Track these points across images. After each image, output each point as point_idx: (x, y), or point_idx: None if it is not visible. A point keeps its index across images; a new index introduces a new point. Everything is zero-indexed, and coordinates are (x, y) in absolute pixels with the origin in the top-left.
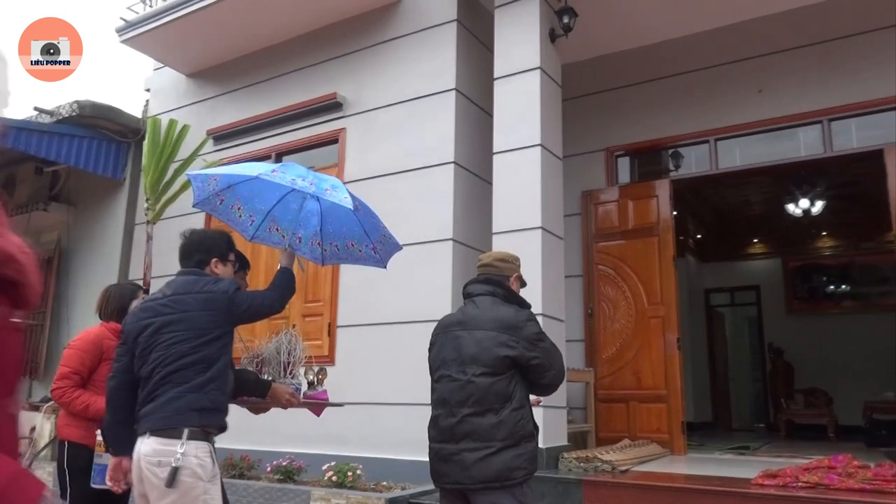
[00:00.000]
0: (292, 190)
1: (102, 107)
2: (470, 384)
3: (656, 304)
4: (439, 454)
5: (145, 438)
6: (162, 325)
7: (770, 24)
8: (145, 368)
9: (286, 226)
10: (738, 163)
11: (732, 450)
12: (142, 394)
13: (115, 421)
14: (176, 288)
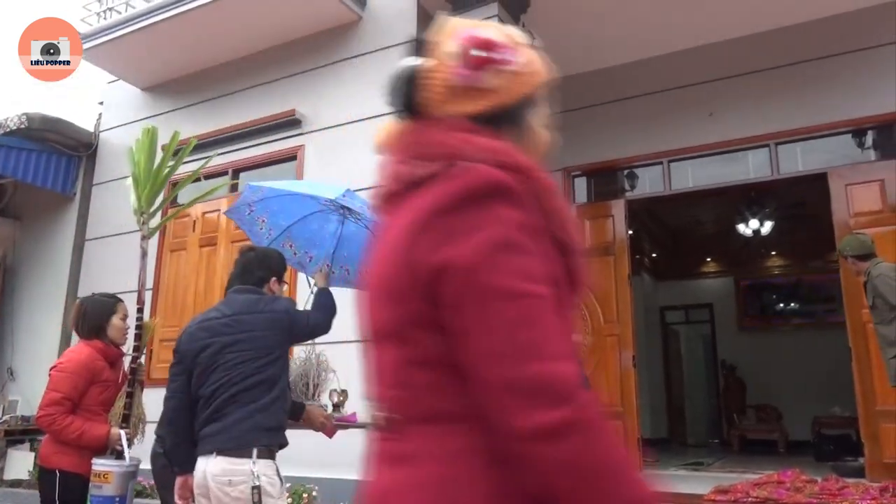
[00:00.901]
0: (319, 211)
1: (52, 119)
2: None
3: (612, 322)
4: None
5: (212, 457)
6: (224, 345)
7: (721, 50)
8: (206, 388)
9: (301, 244)
10: (690, 184)
11: (687, 466)
12: (203, 413)
13: (179, 441)
14: (237, 307)
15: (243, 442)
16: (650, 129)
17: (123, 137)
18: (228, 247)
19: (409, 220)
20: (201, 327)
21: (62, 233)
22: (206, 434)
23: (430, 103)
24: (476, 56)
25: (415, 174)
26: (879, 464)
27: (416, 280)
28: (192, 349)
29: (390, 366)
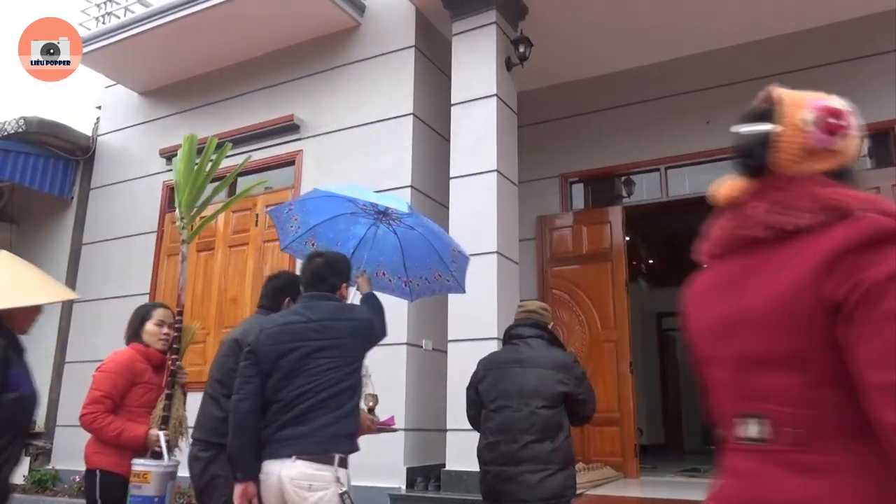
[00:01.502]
0: (351, 213)
1: (50, 123)
2: (534, 415)
3: (609, 328)
4: (500, 476)
5: (290, 461)
6: (312, 350)
7: (718, 58)
8: (288, 392)
9: (323, 243)
10: (687, 191)
11: (684, 472)
12: (281, 416)
13: (246, 445)
14: (322, 313)
15: (327, 447)
16: (648, 136)
17: (121, 141)
18: (226, 251)
19: (812, 261)
20: (283, 331)
21: (59, 237)
22: (283, 437)
23: (782, 163)
24: (831, 123)
25: (796, 223)
26: None
27: (824, 310)
28: (274, 352)
29: (785, 387)
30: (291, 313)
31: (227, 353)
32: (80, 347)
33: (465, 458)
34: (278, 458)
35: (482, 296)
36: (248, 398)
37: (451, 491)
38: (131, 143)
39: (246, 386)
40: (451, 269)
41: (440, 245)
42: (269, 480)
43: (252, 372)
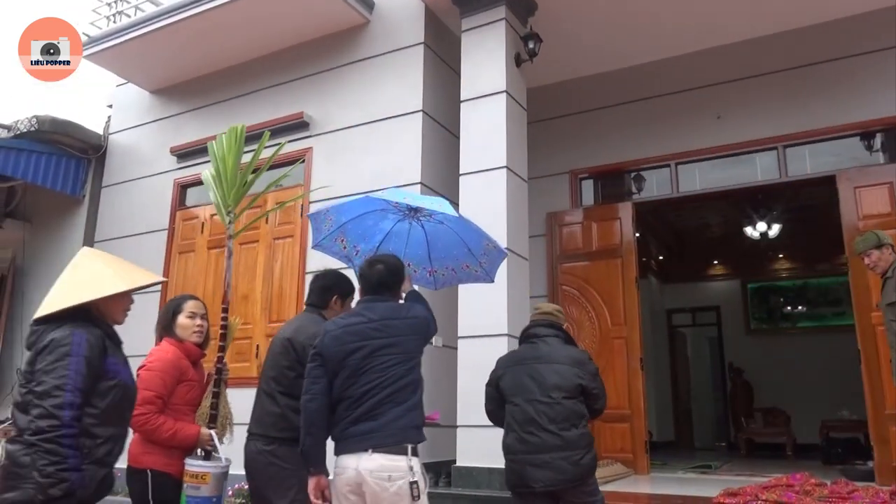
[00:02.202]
0: (381, 209)
1: (62, 122)
2: (559, 405)
3: (619, 324)
4: (533, 462)
5: (366, 454)
6: (376, 348)
7: (728, 53)
8: (356, 389)
9: (351, 238)
10: (697, 187)
11: (694, 469)
12: (351, 412)
13: (318, 442)
14: (382, 313)
15: (399, 439)
16: (658, 131)
17: (132, 140)
18: (237, 249)
19: None
20: (348, 331)
21: (71, 235)
22: (357, 432)
23: None
24: None
25: None
26: (889, 467)
27: None
28: (340, 352)
29: None
30: (353, 315)
31: (280, 352)
32: None
33: (475, 454)
34: (353, 452)
35: (492, 293)
36: (316, 398)
37: (461, 487)
38: (143, 142)
39: (314, 386)
40: (481, 261)
41: (470, 238)
42: (346, 474)
43: (319, 373)
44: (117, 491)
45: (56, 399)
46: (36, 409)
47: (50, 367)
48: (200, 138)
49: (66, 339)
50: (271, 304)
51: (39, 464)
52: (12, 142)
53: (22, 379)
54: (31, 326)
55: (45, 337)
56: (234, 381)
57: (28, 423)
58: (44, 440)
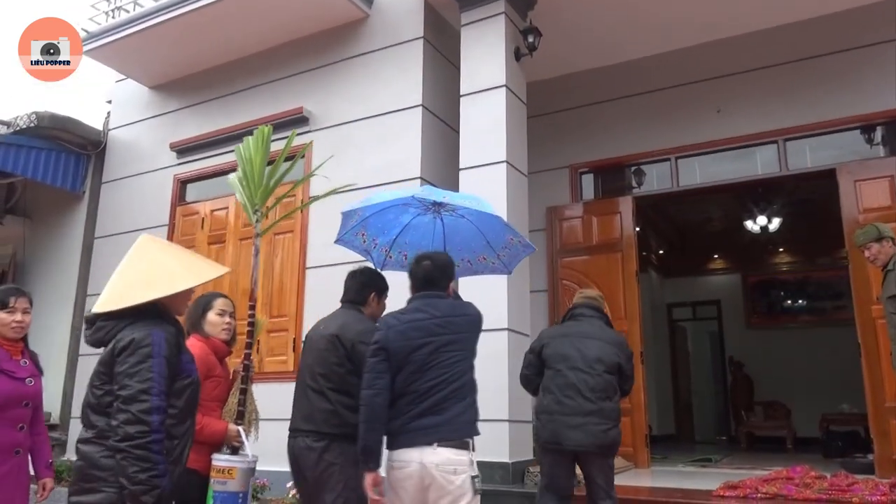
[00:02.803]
0: (403, 203)
1: (61, 118)
2: (600, 377)
3: (620, 318)
4: (568, 424)
5: (430, 448)
6: (441, 344)
7: (729, 46)
8: (421, 384)
9: (371, 232)
10: (698, 180)
11: (695, 462)
12: (415, 407)
13: (380, 437)
14: (444, 310)
15: (463, 434)
16: (658, 125)
17: (132, 136)
18: (237, 244)
19: None
20: (413, 327)
21: (72, 231)
22: (421, 426)
23: None
24: None
25: None
26: (889, 460)
27: None
28: (405, 347)
29: None
30: (414, 311)
31: (326, 349)
32: None
33: (478, 448)
34: (417, 446)
35: (492, 287)
36: (381, 392)
37: None
38: (142, 137)
39: (379, 381)
40: (499, 254)
41: (491, 232)
42: (409, 468)
43: (383, 367)
44: None
45: (143, 404)
46: (122, 413)
47: (133, 369)
48: (200, 134)
49: (146, 339)
50: (272, 300)
51: (130, 471)
52: (12, 138)
53: (96, 379)
54: (92, 321)
55: (119, 335)
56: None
57: (112, 427)
58: (134, 447)
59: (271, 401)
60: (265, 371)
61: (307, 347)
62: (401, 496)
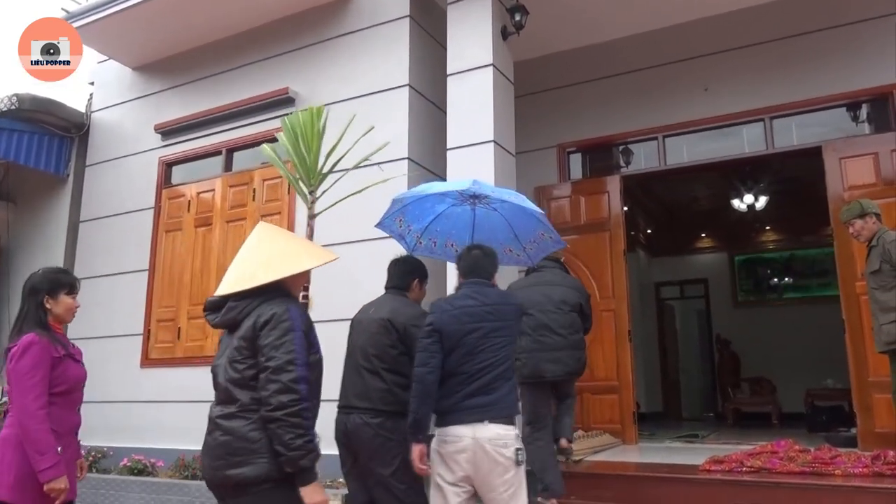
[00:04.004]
0: (440, 193)
1: (43, 100)
2: (566, 315)
3: (608, 297)
4: (547, 359)
5: (482, 425)
6: (490, 330)
7: (715, 24)
8: (472, 366)
9: (407, 218)
10: (685, 159)
11: (682, 438)
12: (465, 387)
13: (430, 412)
14: (493, 298)
15: (511, 412)
16: (645, 104)
17: (115, 117)
18: (224, 227)
19: None
20: (465, 312)
21: (56, 214)
22: (473, 405)
23: None
24: None
25: None
26: (871, 433)
27: None
28: (458, 331)
29: None
30: (465, 297)
31: (378, 332)
32: (79, 324)
33: None
34: (468, 423)
35: None
36: (434, 371)
37: None
38: (126, 119)
39: (432, 360)
40: (525, 247)
41: (520, 226)
42: (462, 442)
43: (436, 348)
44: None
45: (291, 374)
46: (273, 384)
47: (278, 341)
48: (185, 115)
49: (286, 314)
50: None
51: (286, 438)
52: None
53: (237, 354)
54: (217, 305)
55: (256, 311)
56: None
57: (262, 398)
58: (288, 414)
59: None
60: None
61: (357, 329)
62: (452, 468)
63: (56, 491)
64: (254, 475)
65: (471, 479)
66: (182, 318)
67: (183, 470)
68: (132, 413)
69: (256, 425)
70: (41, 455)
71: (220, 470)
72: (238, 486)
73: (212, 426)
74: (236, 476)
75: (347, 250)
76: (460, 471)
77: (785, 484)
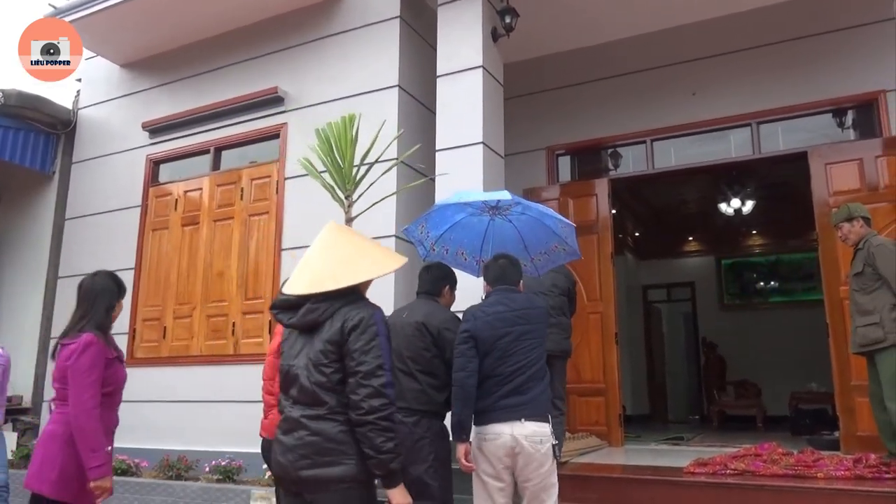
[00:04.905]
0: (463, 202)
1: (30, 96)
2: (556, 297)
3: (595, 300)
4: None
5: (519, 423)
6: (521, 334)
7: (704, 29)
8: (506, 367)
9: (428, 225)
10: (673, 163)
11: (667, 440)
12: (501, 388)
13: (471, 413)
14: (521, 304)
15: (544, 410)
16: (634, 107)
17: (103, 115)
18: (211, 225)
19: None
20: (497, 318)
21: (42, 212)
22: (509, 404)
23: None
24: None
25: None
26: (854, 436)
27: None
28: (492, 336)
29: None
30: (496, 304)
31: (413, 335)
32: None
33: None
34: (506, 421)
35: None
36: (473, 374)
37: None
38: (113, 117)
39: (470, 364)
40: (533, 257)
41: (532, 239)
42: (501, 439)
43: (473, 353)
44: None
45: (381, 378)
46: (364, 388)
47: (367, 346)
48: (173, 113)
49: (372, 318)
50: (247, 282)
51: (378, 441)
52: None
53: (324, 357)
54: (294, 304)
55: (341, 314)
56: (213, 359)
57: (351, 402)
58: (380, 419)
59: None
60: (241, 353)
61: (391, 332)
62: (493, 463)
63: (102, 489)
64: (341, 475)
65: (510, 472)
66: (168, 318)
67: (167, 470)
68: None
69: (344, 427)
70: (93, 452)
71: (305, 469)
72: (320, 484)
73: (294, 425)
74: (323, 475)
75: None
76: (500, 464)
77: (768, 486)
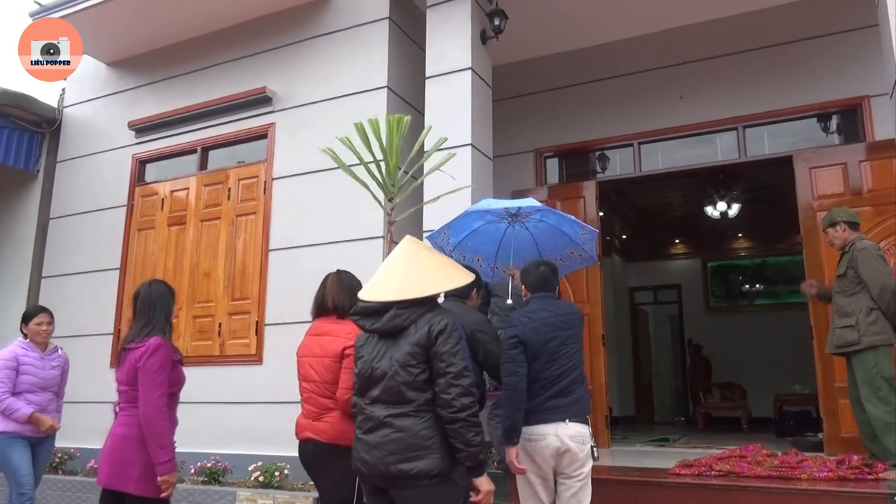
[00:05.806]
0: (484, 210)
1: (15, 94)
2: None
3: (582, 301)
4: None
5: (564, 424)
6: (565, 338)
7: (691, 33)
8: (552, 371)
9: (451, 232)
10: (660, 166)
11: (653, 442)
12: (547, 390)
13: (521, 416)
14: (563, 309)
15: (586, 411)
16: (622, 110)
17: (88, 113)
18: (197, 225)
19: None
20: (543, 323)
21: (25, 211)
22: (555, 406)
23: None
24: None
25: None
26: (837, 438)
27: None
28: (539, 341)
29: None
30: (541, 310)
31: None
32: None
33: None
34: (551, 422)
35: None
36: (523, 379)
37: None
38: (99, 115)
39: (521, 369)
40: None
41: (547, 247)
42: (546, 440)
43: (522, 358)
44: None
45: (467, 379)
46: (455, 388)
47: (454, 349)
48: (160, 112)
49: (454, 324)
50: (234, 282)
51: (469, 436)
52: None
53: (411, 359)
54: (378, 311)
55: (425, 320)
56: (199, 359)
57: (440, 401)
58: (470, 415)
59: (236, 385)
60: (227, 354)
61: None
62: (538, 462)
63: (168, 483)
64: (427, 469)
65: (553, 470)
66: None
67: None
68: (101, 414)
69: (429, 424)
70: (162, 448)
71: (392, 464)
72: (408, 478)
73: (376, 424)
74: (410, 469)
75: (305, 253)
76: (544, 464)
77: (752, 488)
